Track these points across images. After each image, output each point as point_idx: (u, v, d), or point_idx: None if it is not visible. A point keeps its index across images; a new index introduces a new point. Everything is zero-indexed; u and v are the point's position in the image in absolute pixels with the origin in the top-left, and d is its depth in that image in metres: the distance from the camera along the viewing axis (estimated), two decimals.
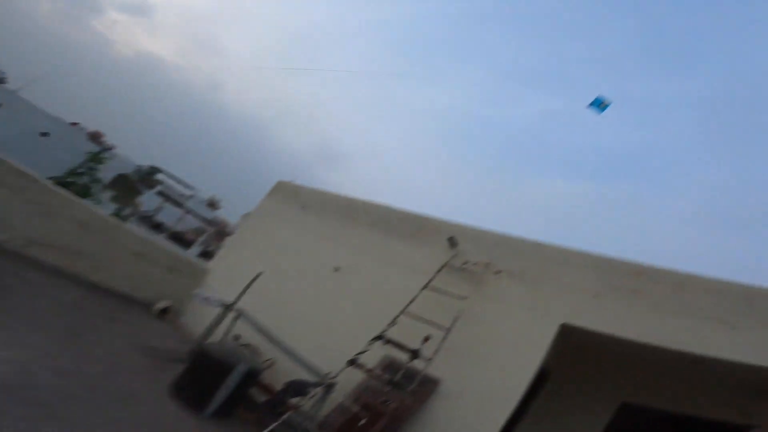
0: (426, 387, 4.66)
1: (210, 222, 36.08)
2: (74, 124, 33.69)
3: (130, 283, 6.93)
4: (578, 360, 5.61)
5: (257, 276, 6.21)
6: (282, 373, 5.31)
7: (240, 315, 5.51)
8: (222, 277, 7.98)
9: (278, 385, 5.07)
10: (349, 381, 4.77)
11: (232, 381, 4.22)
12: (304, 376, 4.91)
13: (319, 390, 4.54)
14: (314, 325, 5.92)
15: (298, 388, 4.87)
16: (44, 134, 22.42)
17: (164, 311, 7.14)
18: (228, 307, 5.64)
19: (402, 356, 4.66)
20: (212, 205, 41.26)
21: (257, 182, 9.24)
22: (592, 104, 6.79)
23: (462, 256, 5.49)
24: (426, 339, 4.62)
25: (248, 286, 5.99)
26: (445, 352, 4.52)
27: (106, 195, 23.33)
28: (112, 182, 25.16)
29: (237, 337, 5.83)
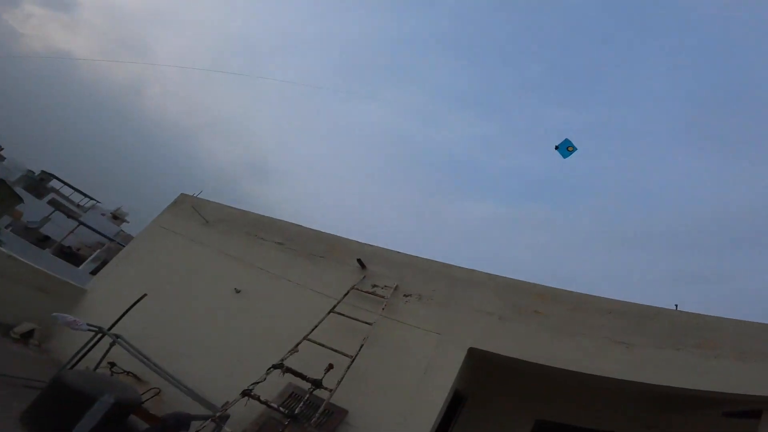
0: (333, 418, 4.33)
1: (113, 236, 32.14)
2: None
3: None
4: (491, 382, 5.59)
5: (141, 298, 5.49)
6: (171, 403, 4.69)
7: (117, 340, 4.87)
8: (103, 298, 6.95)
9: None
10: (249, 413, 4.26)
11: (94, 413, 3.64)
12: (194, 407, 4.38)
13: (206, 423, 3.89)
14: (211, 352, 5.28)
15: (178, 421, 4.15)
16: None
17: (28, 335, 6.21)
18: (100, 332, 4.94)
19: (306, 386, 4.20)
20: (117, 217, 36.99)
21: (176, 195, 8.28)
22: (559, 148, 6.79)
23: (371, 278, 5.21)
24: (329, 367, 4.21)
25: (129, 309, 5.36)
26: (352, 381, 4.19)
27: None
28: None
29: (112, 365, 5.17)
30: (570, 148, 6.84)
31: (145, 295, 5.49)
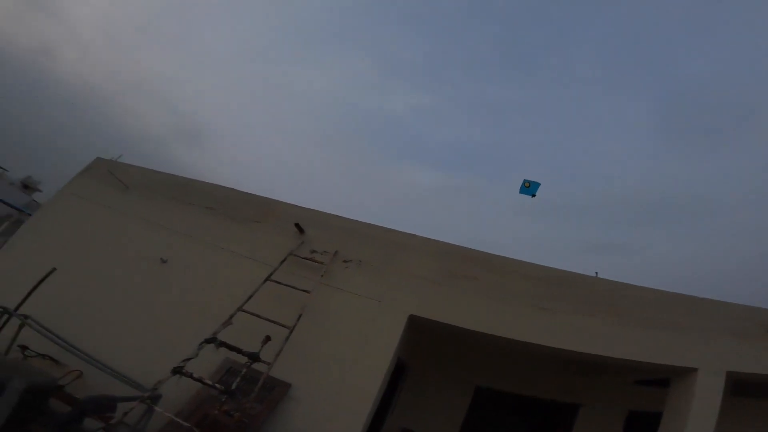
0: (274, 392, 4.23)
1: (23, 207, 28.56)
2: None
3: None
4: (431, 350, 5.74)
5: (50, 273, 4.88)
6: (95, 387, 4.29)
7: (26, 321, 4.39)
8: (9, 275, 6.13)
9: None
10: (183, 393, 4.07)
11: (5, 401, 3.23)
12: (122, 389, 4.09)
13: (135, 405, 3.61)
14: (137, 329, 4.88)
15: (98, 404, 3.82)
16: None
17: None
18: (5, 312, 4.41)
19: (243, 360, 4.01)
20: (28, 186, 32.80)
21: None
22: (523, 190, 6.72)
23: (310, 244, 5.02)
24: (266, 339, 4.04)
25: (36, 286, 4.78)
26: (293, 353, 4.07)
27: None
28: None
29: (24, 348, 4.70)
30: (528, 185, 6.97)
31: (55, 269, 4.89)
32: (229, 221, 5.49)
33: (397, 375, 5.63)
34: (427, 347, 5.69)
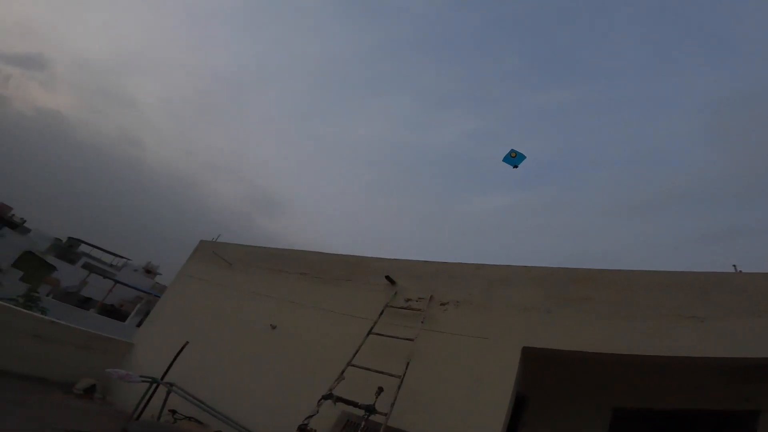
0: None
1: (149, 290, 33.00)
2: None
3: (40, 366, 6.32)
4: (553, 379, 5.28)
5: (184, 346, 5.49)
6: None
7: (171, 388, 4.96)
8: (149, 350, 7.14)
9: None
10: None
11: None
12: None
13: None
14: (262, 391, 5.20)
15: None
16: None
17: (89, 390, 6.45)
18: (154, 382, 5.06)
19: (359, 413, 4.05)
20: (150, 271, 38.05)
21: (196, 241, 8.38)
22: (507, 159, 6.75)
23: (403, 293, 5.01)
24: (379, 391, 4.05)
25: (176, 357, 5.45)
26: (406, 401, 4.01)
27: (14, 274, 20.53)
28: (18, 261, 22.22)
29: (173, 412, 5.20)
30: (514, 155, 6.79)
31: (188, 343, 5.50)
32: (322, 283, 5.74)
33: (516, 410, 5.26)
34: (548, 377, 5.25)
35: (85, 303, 27.33)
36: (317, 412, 3.92)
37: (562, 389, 5.29)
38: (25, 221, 32.78)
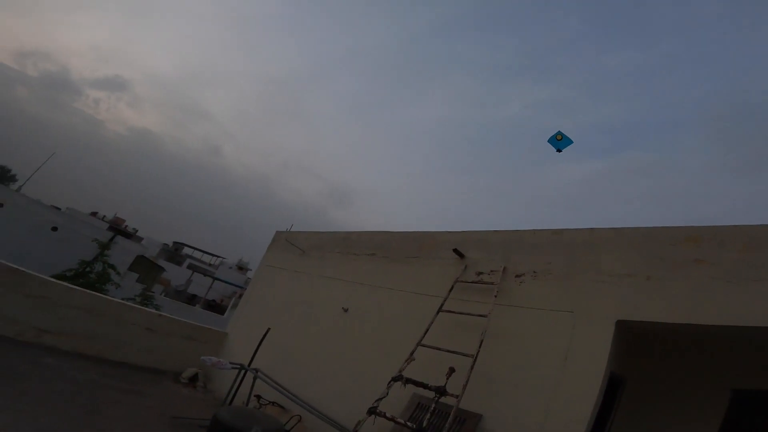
0: (466, 425, 3.91)
1: (243, 284, 36.27)
2: (93, 213, 35.27)
3: (152, 356, 7.01)
4: (657, 355, 4.58)
5: (266, 333, 5.76)
6: (313, 429, 4.77)
7: (256, 374, 5.23)
8: (239, 338, 7.73)
9: None
10: (379, 430, 4.07)
11: None
12: (330, 430, 4.41)
13: None
14: (336, 374, 5.29)
15: None
16: (54, 228, 22.85)
17: (193, 379, 7.05)
18: (242, 368, 5.38)
19: (430, 394, 3.88)
20: (242, 268, 41.80)
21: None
22: (552, 141, 6.27)
23: (473, 266, 4.67)
24: (450, 371, 3.81)
25: (259, 344, 5.72)
26: (480, 382, 3.76)
27: (131, 277, 23.77)
28: (133, 265, 25.69)
29: (258, 398, 5.51)
30: (559, 137, 6.17)
31: (269, 329, 5.76)
32: (391, 262, 5.63)
33: (612, 393, 4.64)
34: (649, 354, 4.54)
35: (191, 300, 30.86)
36: (387, 394, 3.82)
37: (667, 368, 4.56)
38: (137, 230, 37.87)
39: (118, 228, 32.08)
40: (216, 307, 31.02)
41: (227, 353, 7.36)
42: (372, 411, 3.74)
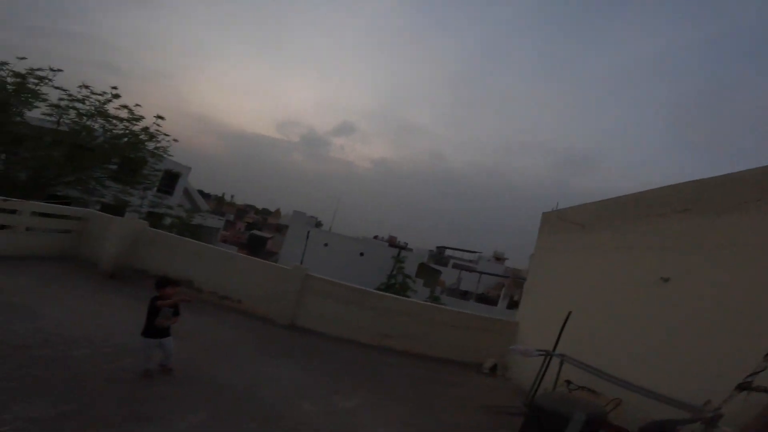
0: None
1: (504, 274, 37.36)
2: (375, 237, 44.12)
3: (457, 350, 7.91)
4: None
5: (568, 316, 5.73)
6: (632, 412, 4.46)
7: (564, 359, 5.26)
8: (531, 325, 7.91)
9: (632, 427, 4.12)
10: (744, 409, 3.43)
11: (571, 431, 3.83)
12: (660, 412, 3.96)
13: (694, 426, 3.43)
14: (659, 351, 4.71)
15: (661, 428, 3.80)
16: (361, 254, 30.12)
17: (493, 368, 7.59)
18: (549, 355, 5.51)
19: None
20: (499, 259, 43.10)
21: (524, 221, 9.06)
22: None
23: None
24: None
25: (563, 328, 5.73)
26: None
27: (418, 283, 28.42)
28: (417, 272, 30.58)
29: (568, 383, 5.46)
30: None
31: (571, 312, 5.73)
32: (705, 217, 4.63)
33: None
34: None
35: (464, 296, 34.04)
36: (765, 368, 3.17)
37: None
38: (407, 243, 44.90)
39: (396, 244, 39.23)
40: (486, 299, 33.02)
41: (521, 341, 7.60)
42: (744, 386, 3.20)
